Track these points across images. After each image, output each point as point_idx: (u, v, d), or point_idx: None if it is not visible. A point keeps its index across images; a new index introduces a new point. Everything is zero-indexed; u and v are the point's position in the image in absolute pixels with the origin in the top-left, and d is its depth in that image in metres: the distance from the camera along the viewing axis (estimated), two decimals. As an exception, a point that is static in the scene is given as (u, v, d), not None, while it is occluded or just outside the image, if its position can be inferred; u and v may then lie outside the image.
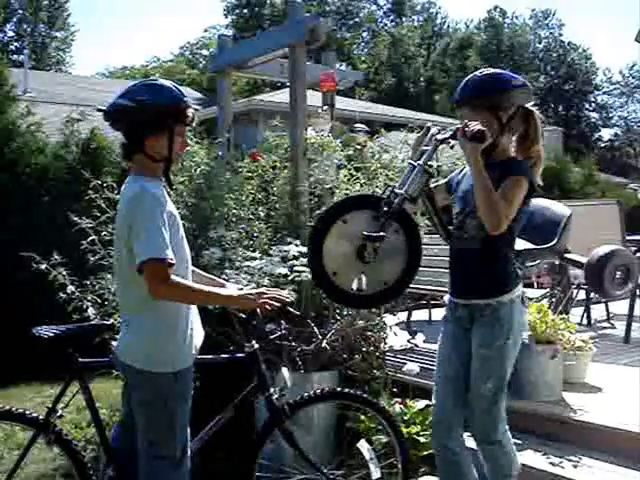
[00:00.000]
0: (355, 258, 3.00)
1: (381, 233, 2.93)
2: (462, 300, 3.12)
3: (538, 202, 3.41)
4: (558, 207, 3.47)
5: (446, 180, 3.30)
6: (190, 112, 2.82)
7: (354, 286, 3.07)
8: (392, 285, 3.10)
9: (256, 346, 3.26)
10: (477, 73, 3.03)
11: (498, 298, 2.99)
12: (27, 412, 3.25)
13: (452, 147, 2.99)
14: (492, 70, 3.04)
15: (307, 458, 3.34)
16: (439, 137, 2.99)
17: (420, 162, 2.98)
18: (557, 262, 6.74)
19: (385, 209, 2.95)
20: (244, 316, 3.32)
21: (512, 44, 47.34)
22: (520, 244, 3.20)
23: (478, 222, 2.92)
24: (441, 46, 46.98)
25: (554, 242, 3.44)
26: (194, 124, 2.90)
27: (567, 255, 4.06)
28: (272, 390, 3.27)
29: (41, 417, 3.21)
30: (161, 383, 2.80)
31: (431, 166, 3.00)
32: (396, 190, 2.98)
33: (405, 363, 4.90)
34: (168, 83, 2.85)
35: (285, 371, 3.48)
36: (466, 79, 3.05)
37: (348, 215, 3.02)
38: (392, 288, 3.13)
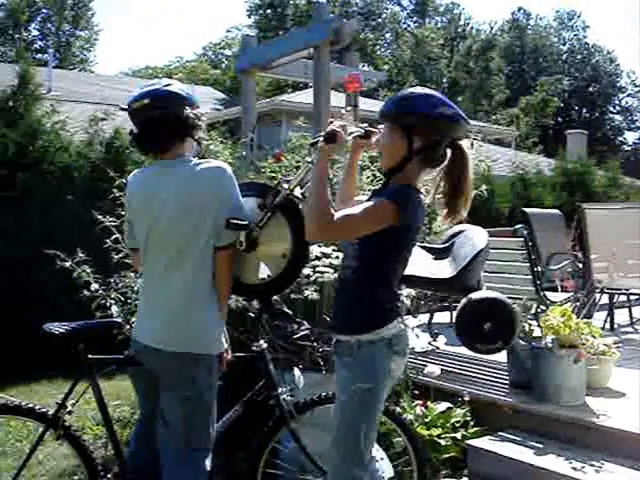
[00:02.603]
0: (242, 251, 3.03)
1: (252, 236, 2.99)
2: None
3: (471, 230, 3.11)
4: (478, 239, 2.97)
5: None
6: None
7: (261, 276, 3.13)
8: (291, 257, 3.10)
9: (264, 345, 3.32)
10: (410, 89, 2.78)
11: (357, 336, 2.67)
12: (36, 407, 3.29)
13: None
14: (425, 91, 2.71)
15: (312, 459, 3.37)
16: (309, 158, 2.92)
17: (291, 185, 3.00)
18: (580, 266, 6.72)
19: (270, 200, 3.02)
20: (252, 315, 3.41)
21: (536, 46, 47.13)
22: (413, 269, 2.80)
23: (355, 251, 2.71)
24: (464, 47, 46.80)
25: (447, 275, 2.85)
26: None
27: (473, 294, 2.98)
28: (280, 390, 3.33)
29: (50, 412, 3.24)
30: (203, 372, 2.92)
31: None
32: (282, 185, 3.02)
33: (426, 365, 4.89)
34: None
35: (297, 371, 3.51)
36: (399, 92, 2.81)
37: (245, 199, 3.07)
38: (293, 260, 3.12)
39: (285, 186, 3.00)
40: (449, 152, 2.68)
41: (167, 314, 2.92)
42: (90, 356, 3.23)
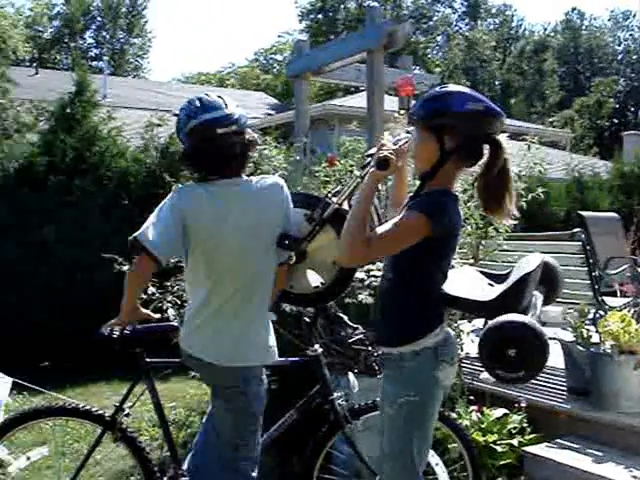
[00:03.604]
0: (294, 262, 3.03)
1: (301, 248, 2.98)
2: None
3: (529, 256, 2.89)
4: (529, 263, 2.76)
5: None
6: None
7: (314, 284, 3.12)
8: (326, 288, 3.11)
9: (319, 350, 3.35)
10: (435, 88, 2.66)
11: (399, 348, 2.60)
12: (94, 409, 3.38)
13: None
14: (451, 88, 2.61)
15: (368, 465, 3.36)
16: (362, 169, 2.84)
17: (339, 199, 2.96)
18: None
19: (319, 213, 2.98)
20: (308, 319, 3.43)
21: (590, 46, 46.41)
22: (453, 290, 2.64)
23: (391, 262, 2.66)
24: (517, 49, 46.31)
25: (488, 299, 2.68)
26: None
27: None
28: (335, 395, 3.34)
29: (108, 415, 3.32)
30: (254, 382, 2.95)
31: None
32: (331, 198, 2.99)
33: (482, 371, 4.83)
34: None
35: (351, 376, 3.50)
36: (425, 94, 2.69)
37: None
38: (324, 292, 3.13)
39: (334, 199, 2.99)
40: (486, 148, 2.58)
41: (237, 333, 2.92)
42: (148, 359, 3.29)
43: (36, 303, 7.42)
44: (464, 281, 2.71)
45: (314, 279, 3.13)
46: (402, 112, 5.82)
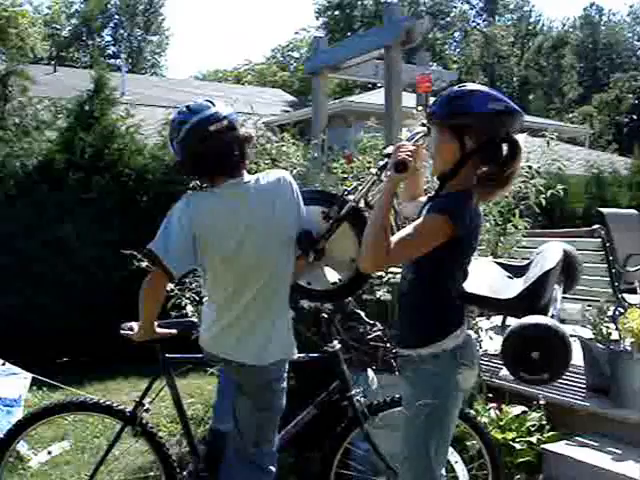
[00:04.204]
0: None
1: (319, 246, 2.97)
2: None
3: (549, 248, 2.81)
4: (550, 258, 2.72)
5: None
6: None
7: (332, 280, 3.12)
8: (344, 283, 3.09)
9: (338, 346, 3.37)
10: (455, 87, 2.61)
11: (418, 350, 2.57)
12: (115, 404, 3.42)
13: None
14: (470, 87, 2.56)
15: (387, 462, 3.37)
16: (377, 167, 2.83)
17: (356, 197, 2.95)
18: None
19: (336, 211, 2.97)
20: (326, 316, 3.44)
21: (609, 42, 46.07)
22: (473, 287, 2.64)
23: (410, 262, 2.62)
24: (535, 45, 46.04)
25: (508, 297, 2.65)
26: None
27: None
28: (354, 391, 3.35)
29: (128, 410, 3.36)
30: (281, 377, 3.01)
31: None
32: (348, 197, 2.97)
33: (501, 368, 4.81)
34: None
35: (370, 372, 3.51)
36: (444, 92, 2.64)
37: (307, 207, 3.05)
38: (343, 286, 3.11)
39: (351, 197, 2.98)
40: (505, 147, 2.54)
41: (263, 332, 2.94)
42: (168, 355, 3.31)
43: (55, 300, 7.45)
44: (482, 275, 2.69)
45: (332, 276, 3.12)
46: (420, 108, 5.81)
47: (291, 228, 2.96)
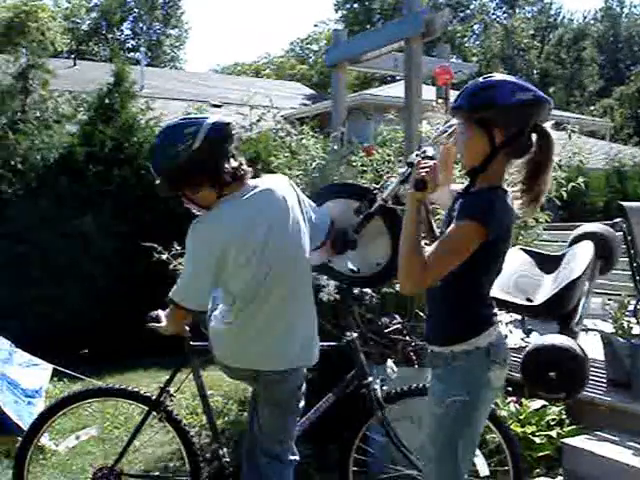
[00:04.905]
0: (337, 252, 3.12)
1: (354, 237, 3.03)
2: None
3: (580, 248, 2.75)
4: (579, 262, 2.68)
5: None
6: None
7: (350, 266, 3.21)
8: (387, 264, 3.13)
9: (354, 335, 3.42)
10: (480, 78, 2.51)
11: (450, 347, 2.50)
12: (141, 391, 3.53)
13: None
14: (497, 77, 2.49)
15: (404, 452, 3.39)
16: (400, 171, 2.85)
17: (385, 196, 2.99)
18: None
19: (366, 206, 3.01)
20: (344, 308, 3.55)
21: (630, 34, 45.63)
22: (497, 293, 2.57)
23: None
24: (556, 37, 45.71)
25: (533, 303, 2.67)
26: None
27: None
28: (370, 379, 3.38)
29: (153, 396, 3.44)
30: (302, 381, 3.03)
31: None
32: (377, 195, 3.00)
33: (520, 362, 4.80)
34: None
35: (390, 362, 3.53)
36: (468, 84, 2.54)
37: (337, 200, 3.12)
38: (388, 267, 3.13)
39: (379, 196, 3.00)
40: (534, 137, 2.46)
41: (302, 333, 2.94)
42: (192, 343, 3.34)
43: (74, 292, 7.52)
44: (509, 269, 2.66)
45: (374, 256, 3.19)
46: (440, 101, 5.80)
47: (303, 224, 2.95)
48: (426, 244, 2.49)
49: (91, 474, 3.50)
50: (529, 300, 2.75)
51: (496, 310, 2.56)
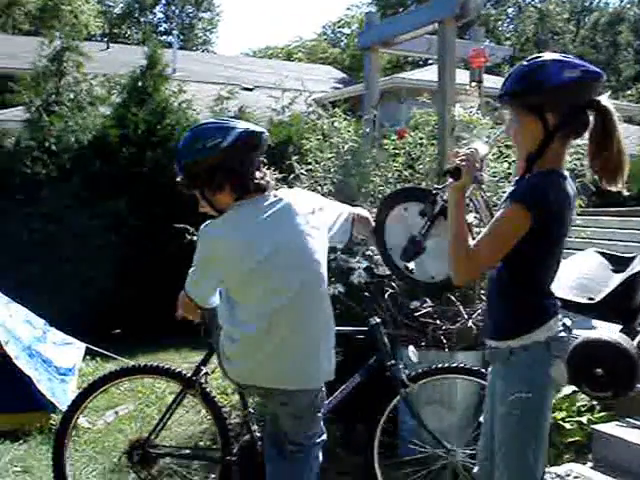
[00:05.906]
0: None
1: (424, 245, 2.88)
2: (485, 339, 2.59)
3: None
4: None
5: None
6: None
7: (432, 274, 3.05)
8: (441, 281, 2.99)
9: (378, 320, 3.43)
10: (524, 62, 2.36)
11: (508, 342, 2.39)
12: (176, 369, 3.59)
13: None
14: (543, 58, 2.32)
15: (430, 432, 3.42)
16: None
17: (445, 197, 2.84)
18: None
19: (430, 209, 2.87)
20: (367, 294, 3.52)
21: (669, 18, 44.82)
22: (558, 292, 2.46)
23: None
24: (591, 21, 45.03)
25: (594, 301, 2.50)
26: None
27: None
28: (393, 361, 3.40)
29: (188, 374, 3.49)
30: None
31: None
32: (439, 195, 2.87)
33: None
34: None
35: (412, 348, 3.54)
36: (513, 68, 2.40)
37: (406, 204, 3.04)
38: (440, 284, 3.02)
39: (440, 196, 2.94)
40: (591, 114, 2.32)
41: (314, 353, 2.81)
42: None
43: (108, 272, 7.60)
44: (577, 270, 2.61)
45: (432, 269, 3.04)
46: (473, 84, 5.75)
47: (328, 229, 2.95)
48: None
49: (127, 445, 3.55)
50: (590, 299, 2.67)
51: (557, 302, 2.43)
